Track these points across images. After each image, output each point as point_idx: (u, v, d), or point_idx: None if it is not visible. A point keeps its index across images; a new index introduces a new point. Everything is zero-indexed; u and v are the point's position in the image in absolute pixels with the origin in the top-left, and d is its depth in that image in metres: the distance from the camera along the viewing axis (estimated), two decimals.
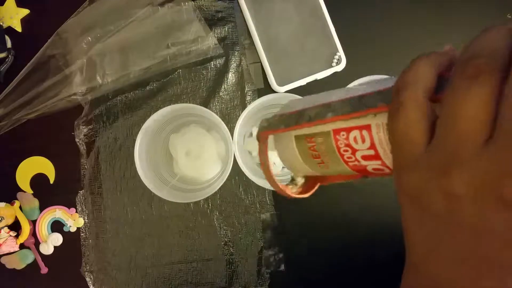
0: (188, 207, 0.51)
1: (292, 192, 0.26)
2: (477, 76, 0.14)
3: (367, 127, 0.18)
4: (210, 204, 0.50)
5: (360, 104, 0.18)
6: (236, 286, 0.50)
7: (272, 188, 0.25)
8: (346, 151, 0.20)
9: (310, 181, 0.27)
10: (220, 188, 0.42)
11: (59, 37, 0.50)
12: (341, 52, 0.51)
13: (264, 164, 0.24)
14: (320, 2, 0.51)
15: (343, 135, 0.20)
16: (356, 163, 0.20)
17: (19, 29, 0.52)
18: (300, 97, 0.42)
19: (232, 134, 0.42)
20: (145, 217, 0.50)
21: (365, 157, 0.19)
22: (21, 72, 0.50)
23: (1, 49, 0.50)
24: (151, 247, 0.50)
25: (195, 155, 0.48)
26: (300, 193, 0.26)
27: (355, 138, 0.19)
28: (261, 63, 0.51)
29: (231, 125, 0.50)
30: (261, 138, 0.24)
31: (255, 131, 0.49)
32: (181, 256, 0.50)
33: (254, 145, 0.49)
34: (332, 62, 0.50)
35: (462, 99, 0.14)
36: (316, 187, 0.27)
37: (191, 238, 0.50)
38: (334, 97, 0.20)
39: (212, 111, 0.49)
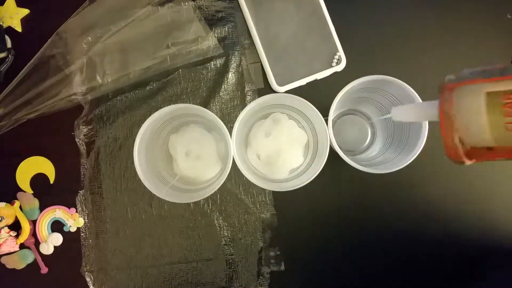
0: (188, 207, 0.51)
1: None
2: None
3: None
4: (210, 204, 0.50)
5: None
6: (236, 286, 0.50)
7: (279, 190, 0.25)
8: None
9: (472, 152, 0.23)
10: (220, 188, 0.41)
11: (59, 37, 0.50)
12: (341, 52, 0.51)
13: (445, 113, 0.21)
14: (320, 2, 0.51)
15: None
16: None
17: (19, 29, 0.52)
18: (300, 98, 0.42)
19: (231, 134, 0.42)
20: (145, 217, 0.50)
21: None
22: (21, 72, 0.49)
23: (1, 49, 0.50)
24: (151, 247, 0.50)
25: (195, 155, 0.48)
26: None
27: None
28: (261, 63, 0.51)
29: (231, 125, 0.50)
30: (446, 89, 0.22)
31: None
32: (181, 256, 0.50)
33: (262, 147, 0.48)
34: (332, 62, 0.50)
35: None
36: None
37: (191, 238, 0.50)
38: None
39: (212, 111, 0.49)
